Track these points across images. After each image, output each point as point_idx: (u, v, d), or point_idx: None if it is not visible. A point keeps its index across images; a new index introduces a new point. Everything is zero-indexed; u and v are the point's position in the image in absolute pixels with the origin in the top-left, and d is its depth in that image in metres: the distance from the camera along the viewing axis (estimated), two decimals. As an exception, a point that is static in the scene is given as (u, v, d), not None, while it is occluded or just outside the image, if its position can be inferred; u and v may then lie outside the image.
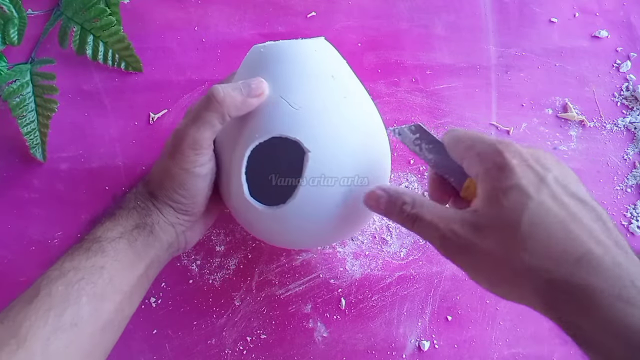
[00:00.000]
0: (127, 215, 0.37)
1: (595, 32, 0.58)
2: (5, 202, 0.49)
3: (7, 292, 0.45)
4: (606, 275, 0.28)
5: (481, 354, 0.46)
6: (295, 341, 0.45)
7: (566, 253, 0.28)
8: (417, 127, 0.37)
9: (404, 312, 0.47)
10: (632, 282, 0.27)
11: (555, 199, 0.30)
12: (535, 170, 0.31)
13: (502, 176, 0.30)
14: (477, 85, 0.55)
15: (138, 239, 0.37)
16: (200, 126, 0.35)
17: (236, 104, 0.35)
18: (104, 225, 0.37)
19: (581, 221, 0.29)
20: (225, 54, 0.55)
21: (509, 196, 0.30)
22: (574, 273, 0.28)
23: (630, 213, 0.51)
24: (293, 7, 0.57)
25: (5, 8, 0.50)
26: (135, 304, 0.37)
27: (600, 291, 0.27)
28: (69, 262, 0.34)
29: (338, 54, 0.40)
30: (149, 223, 0.37)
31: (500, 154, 0.31)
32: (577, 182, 0.32)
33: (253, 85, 0.36)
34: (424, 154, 0.36)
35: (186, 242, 0.41)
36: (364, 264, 0.48)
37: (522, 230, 0.29)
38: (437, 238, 0.32)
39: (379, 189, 0.35)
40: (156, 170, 0.39)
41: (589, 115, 0.54)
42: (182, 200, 0.38)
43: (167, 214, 0.38)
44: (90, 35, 0.52)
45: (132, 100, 0.53)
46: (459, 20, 0.58)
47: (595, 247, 0.28)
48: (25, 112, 0.49)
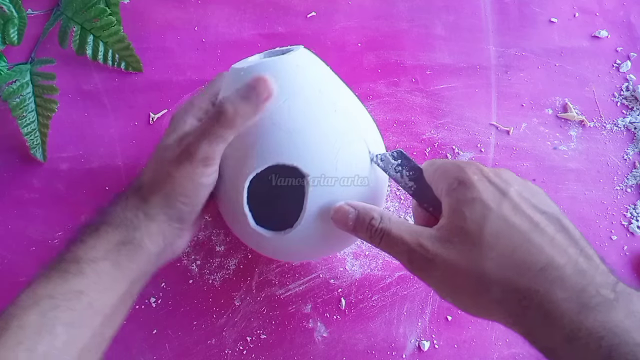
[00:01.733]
0: (112, 232, 0.35)
1: (595, 32, 0.58)
2: (5, 202, 0.49)
3: (7, 292, 0.46)
4: (570, 284, 0.28)
5: (481, 354, 0.46)
6: (295, 341, 0.45)
7: (528, 263, 0.29)
8: (398, 153, 0.37)
9: (404, 312, 0.47)
10: (598, 291, 0.27)
11: (516, 210, 0.30)
12: (496, 184, 0.31)
13: (464, 190, 0.31)
14: (477, 85, 0.55)
15: (123, 256, 0.34)
16: (213, 141, 0.34)
17: (248, 115, 0.34)
18: (86, 243, 0.34)
19: (543, 231, 0.30)
20: (225, 54, 0.55)
21: (470, 209, 0.30)
22: (537, 283, 0.28)
23: (630, 213, 0.51)
24: (293, 7, 0.57)
25: (5, 8, 0.50)
26: (118, 323, 0.35)
27: (564, 300, 0.28)
28: (44, 286, 0.31)
29: (320, 62, 0.39)
30: (137, 237, 0.35)
31: (461, 170, 0.32)
32: (541, 195, 0.32)
33: (259, 89, 0.34)
34: (404, 181, 0.37)
35: (173, 251, 0.39)
36: (364, 264, 0.48)
37: (485, 241, 0.29)
38: (405, 252, 0.32)
39: (347, 205, 0.35)
40: (153, 176, 0.37)
41: (589, 115, 0.54)
42: (183, 209, 0.36)
43: (161, 222, 0.36)
44: (90, 35, 0.52)
45: (132, 100, 0.53)
46: (459, 20, 0.58)
47: (558, 257, 0.29)
48: (25, 112, 0.49)
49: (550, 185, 0.52)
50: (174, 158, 0.35)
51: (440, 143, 0.53)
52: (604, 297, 0.27)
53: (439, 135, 0.53)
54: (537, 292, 0.28)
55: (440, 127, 0.53)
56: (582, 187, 0.52)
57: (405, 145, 0.52)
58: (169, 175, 0.35)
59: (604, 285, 0.28)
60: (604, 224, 0.50)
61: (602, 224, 0.50)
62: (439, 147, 0.53)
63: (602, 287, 0.28)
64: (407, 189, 0.36)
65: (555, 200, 0.50)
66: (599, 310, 0.27)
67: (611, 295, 0.27)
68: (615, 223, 0.50)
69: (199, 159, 0.34)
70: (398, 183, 0.37)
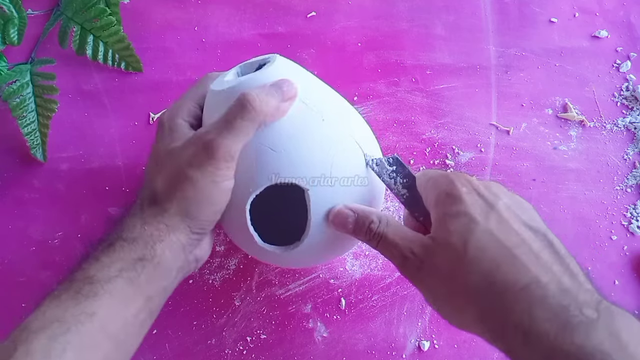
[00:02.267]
0: (128, 247, 0.32)
1: (595, 32, 0.58)
2: (5, 202, 0.49)
3: (7, 292, 0.46)
4: (551, 304, 0.27)
5: (481, 354, 0.46)
6: (295, 341, 0.45)
7: (511, 281, 0.28)
8: (394, 159, 0.37)
9: (404, 312, 0.47)
10: (580, 311, 0.27)
11: (503, 225, 0.30)
12: (484, 197, 0.31)
13: (451, 202, 0.31)
14: (477, 85, 0.55)
15: (141, 275, 0.32)
16: (235, 136, 0.32)
17: (271, 111, 0.33)
18: (99, 261, 0.32)
19: (529, 248, 0.29)
20: (225, 54, 0.55)
21: (455, 221, 0.30)
22: (517, 301, 0.28)
23: (630, 213, 0.51)
24: (293, 7, 0.57)
25: (5, 8, 0.50)
26: (134, 345, 0.33)
27: (544, 320, 0.27)
28: (54, 308, 0.29)
29: (299, 68, 0.38)
30: (158, 253, 0.32)
31: (451, 182, 0.32)
32: (530, 210, 0.32)
33: (285, 88, 0.34)
34: (397, 187, 0.36)
35: (196, 260, 0.37)
36: (364, 264, 0.48)
37: (468, 254, 0.29)
38: (398, 257, 0.33)
39: (347, 208, 0.35)
40: (170, 182, 0.34)
41: (589, 115, 0.54)
42: (204, 217, 0.34)
43: (181, 233, 0.34)
44: (90, 35, 0.52)
45: (132, 100, 0.53)
46: (459, 20, 0.58)
47: (542, 275, 0.28)
48: (25, 112, 0.49)
49: (550, 185, 0.52)
50: (192, 158, 0.33)
51: (440, 143, 0.53)
52: (586, 317, 0.27)
53: (439, 135, 0.53)
54: (515, 311, 0.28)
55: (440, 127, 0.53)
56: (582, 187, 0.52)
57: (405, 145, 0.52)
58: (189, 180, 0.33)
59: (587, 304, 0.27)
60: (604, 224, 0.50)
61: (602, 224, 0.50)
62: (439, 147, 0.53)
63: (584, 306, 0.27)
64: (400, 197, 0.36)
65: (555, 200, 0.51)
66: (580, 331, 0.26)
67: (594, 314, 0.27)
68: (615, 223, 0.50)
69: (221, 157, 0.32)
70: (391, 190, 0.37)
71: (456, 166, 0.52)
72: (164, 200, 0.34)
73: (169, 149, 0.35)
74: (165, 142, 0.36)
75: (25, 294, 0.45)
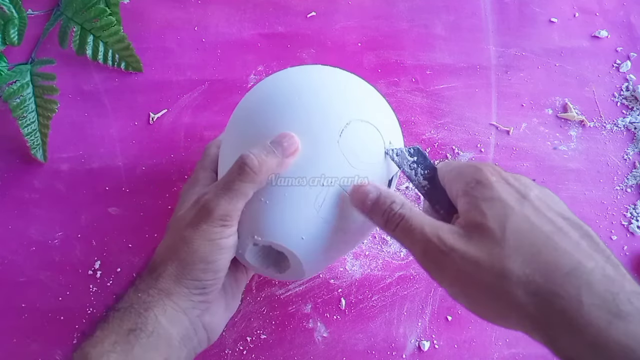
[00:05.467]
0: (120, 318, 0.31)
1: (595, 32, 0.58)
2: (5, 202, 0.49)
3: (7, 292, 0.46)
4: (598, 290, 0.26)
5: (481, 354, 0.46)
6: (295, 341, 0.45)
7: (555, 265, 0.27)
8: (415, 150, 0.36)
9: (404, 312, 0.47)
10: (629, 300, 0.26)
11: (538, 213, 0.29)
12: (515, 187, 0.30)
13: (482, 189, 0.30)
14: (477, 85, 0.55)
15: (135, 346, 0.30)
16: (233, 197, 0.32)
17: (272, 169, 0.33)
18: (94, 336, 0.31)
19: (567, 235, 0.28)
20: (225, 54, 0.55)
21: (490, 206, 0.29)
22: (563, 287, 0.26)
23: (630, 213, 0.51)
24: (293, 7, 0.57)
25: (5, 8, 0.50)
26: None
27: (591, 307, 0.26)
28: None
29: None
30: (150, 320, 0.31)
31: (479, 170, 0.31)
32: (561, 202, 0.31)
33: (285, 144, 0.33)
34: (418, 179, 0.36)
35: (206, 329, 0.35)
36: (364, 264, 0.48)
37: (507, 239, 0.28)
38: (421, 242, 0.30)
39: (371, 185, 0.34)
40: (166, 245, 0.34)
41: (589, 115, 0.54)
42: (202, 277, 0.33)
43: (179, 297, 0.32)
44: (90, 35, 0.52)
45: (132, 100, 0.53)
46: (459, 20, 0.58)
47: (586, 261, 0.27)
48: (25, 112, 0.49)
49: (550, 185, 0.51)
50: (189, 221, 0.33)
51: (440, 143, 0.53)
52: (636, 307, 0.25)
53: (439, 135, 0.53)
54: (562, 297, 0.26)
55: (440, 127, 0.53)
56: (582, 187, 0.52)
57: (405, 145, 0.52)
58: (183, 240, 0.32)
59: (634, 294, 0.26)
60: (604, 224, 0.50)
61: (602, 224, 0.50)
62: (439, 147, 0.53)
63: (632, 296, 0.26)
64: (420, 188, 0.35)
65: (555, 200, 0.51)
66: (631, 320, 0.25)
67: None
68: (615, 223, 0.50)
69: (217, 217, 0.32)
70: (411, 181, 0.36)
71: (456, 166, 0.52)
72: (160, 264, 0.33)
73: (177, 215, 0.35)
74: (177, 209, 0.36)
75: (25, 294, 0.46)
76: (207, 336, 0.35)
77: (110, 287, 0.46)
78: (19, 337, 0.44)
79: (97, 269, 0.46)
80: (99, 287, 0.46)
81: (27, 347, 0.44)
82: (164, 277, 0.32)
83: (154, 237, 0.48)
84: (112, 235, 0.48)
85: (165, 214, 0.48)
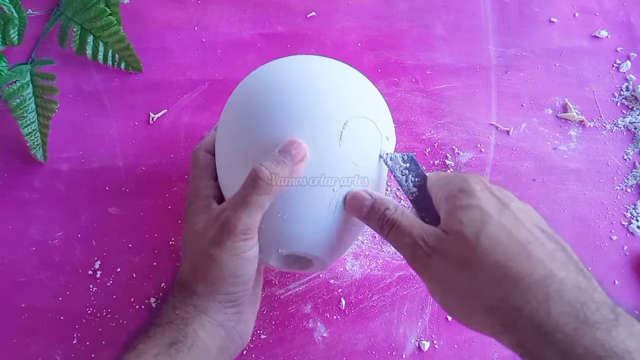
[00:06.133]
0: (162, 333, 0.33)
1: (595, 32, 0.58)
2: (5, 202, 0.49)
3: (7, 292, 0.46)
4: (568, 298, 0.27)
5: (481, 354, 0.46)
6: (295, 341, 0.45)
7: (525, 272, 0.28)
8: (409, 157, 0.37)
9: (404, 312, 0.47)
10: (598, 309, 0.26)
11: (517, 222, 0.30)
12: (497, 197, 0.31)
13: (463, 197, 0.31)
14: (477, 85, 0.55)
15: (176, 358, 0.32)
16: (252, 211, 0.34)
17: (284, 177, 0.34)
18: (136, 349, 0.32)
19: (544, 246, 0.29)
20: (225, 54, 0.55)
21: (468, 213, 0.30)
22: (532, 293, 0.27)
23: (630, 213, 0.51)
24: (293, 7, 0.57)
25: (5, 8, 0.50)
26: None
27: (560, 314, 0.26)
28: None
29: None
30: (190, 334, 0.33)
31: (464, 180, 0.32)
32: (541, 218, 0.32)
33: (294, 152, 0.34)
34: (408, 185, 0.36)
35: (241, 337, 0.37)
36: (364, 264, 0.48)
37: (480, 245, 0.29)
38: (409, 245, 0.32)
39: (366, 192, 0.35)
40: (194, 264, 0.35)
41: (589, 115, 0.54)
42: (233, 290, 0.35)
43: (213, 312, 0.34)
44: (90, 35, 0.52)
45: (132, 100, 0.53)
46: (459, 20, 0.58)
47: (558, 270, 0.28)
48: (25, 112, 0.49)
49: (550, 185, 0.52)
50: (213, 238, 0.34)
51: (440, 143, 0.53)
52: (604, 316, 0.26)
53: (439, 135, 0.53)
54: (531, 302, 0.27)
55: (440, 127, 0.53)
56: (582, 187, 0.52)
57: (405, 145, 0.52)
58: (210, 258, 0.34)
59: (604, 304, 0.27)
60: (604, 224, 0.50)
61: (602, 224, 0.50)
62: (439, 147, 0.53)
63: (602, 307, 0.27)
64: (409, 195, 0.36)
65: (555, 200, 0.51)
66: (599, 327, 0.26)
67: (611, 315, 0.26)
68: (615, 223, 0.50)
69: (240, 232, 0.33)
70: (401, 186, 0.37)
71: (456, 166, 0.52)
72: (191, 283, 0.35)
73: (194, 231, 0.36)
74: (191, 223, 0.37)
75: (25, 294, 0.46)
76: (242, 342, 0.38)
77: (110, 287, 0.46)
78: (19, 337, 0.44)
79: (97, 269, 0.46)
80: (99, 287, 0.46)
81: (27, 347, 0.44)
82: (198, 295, 0.34)
83: (154, 237, 0.48)
84: (112, 235, 0.48)
85: (165, 214, 0.48)
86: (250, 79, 0.40)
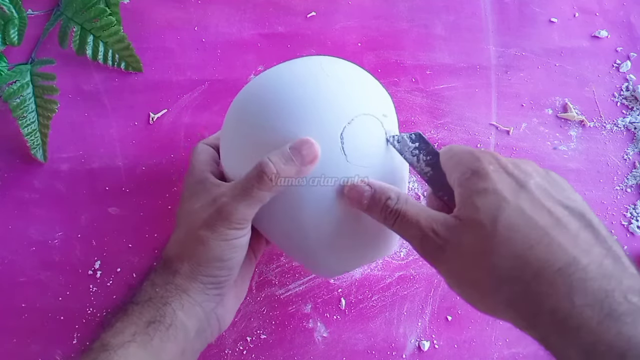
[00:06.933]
0: (140, 311, 0.32)
1: (595, 32, 0.58)
2: (5, 202, 0.49)
3: (7, 292, 0.46)
4: (592, 288, 0.25)
5: (481, 354, 0.46)
6: (295, 341, 0.45)
7: (545, 262, 0.26)
8: (417, 135, 0.35)
9: (404, 312, 0.47)
10: (625, 297, 0.25)
11: (535, 204, 0.28)
12: (514, 176, 0.29)
13: (477, 180, 0.29)
14: (477, 85, 0.55)
15: (154, 337, 0.32)
16: (252, 203, 0.33)
17: (290, 178, 0.33)
18: (113, 327, 0.32)
19: (565, 227, 0.27)
20: (225, 54, 0.55)
21: (483, 199, 0.28)
22: (553, 285, 0.25)
23: (630, 213, 0.51)
24: (293, 7, 0.57)
25: (5, 8, 0.50)
26: None
27: (583, 307, 0.25)
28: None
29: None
30: (168, 313, 0.33)
31: (476, 159, 0.30)
32: (565, 187, 0.30)
33: (304, 152, 0.33)
34: (420, 166, 0.35)
35: (219, 321, 0.37)
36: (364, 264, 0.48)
37: (498, 234, 0.27)
38: (418, 236, 0.30)
39: (363, 183, 0.34)
40: (183, 243, 0.35)
41: (589, 115, 0.54)
42: (217, 274, 0.34)
43: (194, 292, 0.34)
44: (90, 35, 0.52)
45: (132, 100, 0.53)
46: (459, 20, 0.58)
47: (582, 256, 0.26)
48: (25, 112, 0.49)
49: (550, 185, 0.51)
50: (206, 221, 0.33)
51: (440, 143, 0.53)
52: (632, 305, 0.24)
53: (439, 135, 0.53)
54: (552, 295, 0.25)
55: (440, 127, 0.53)
56: (582, 187, 0.52)
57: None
58: (199, 239, 0.33)
59: (632, 290, 0.25)
60: (604, 224, 0.50)
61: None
62: (439, 147, 0.52)
63: (630, 293, 0.25)
64: (423, 175, 0.35)
65: (555, 200, 0.51)
66: (624, 320, 0.24)
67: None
68: (615, 223, 0.50)
69: (234, 221, 0.33)
70: (414, 168, 0.35)
71: (456, 166, 0.52)
72: (176, 260, 0.34)
73: (188, 210, 0.36)
74: (187, 203, 0.37)
75: (25, 294, 0.46)
76: (219, 326, 0.37)
77: (110, 287, 0.46)
78: (19, 337, 0.44)
79: (97, 269, 0.46)
80: (99, 287, 0.46)
81: (27, 347, 0.44)
82: (180, 274, 0.34)
83: (154, 237, 0.48)
84: (112, 235, 0.48)
85: (165, 214, 0.48)
86: (259, 78, 0.40)
